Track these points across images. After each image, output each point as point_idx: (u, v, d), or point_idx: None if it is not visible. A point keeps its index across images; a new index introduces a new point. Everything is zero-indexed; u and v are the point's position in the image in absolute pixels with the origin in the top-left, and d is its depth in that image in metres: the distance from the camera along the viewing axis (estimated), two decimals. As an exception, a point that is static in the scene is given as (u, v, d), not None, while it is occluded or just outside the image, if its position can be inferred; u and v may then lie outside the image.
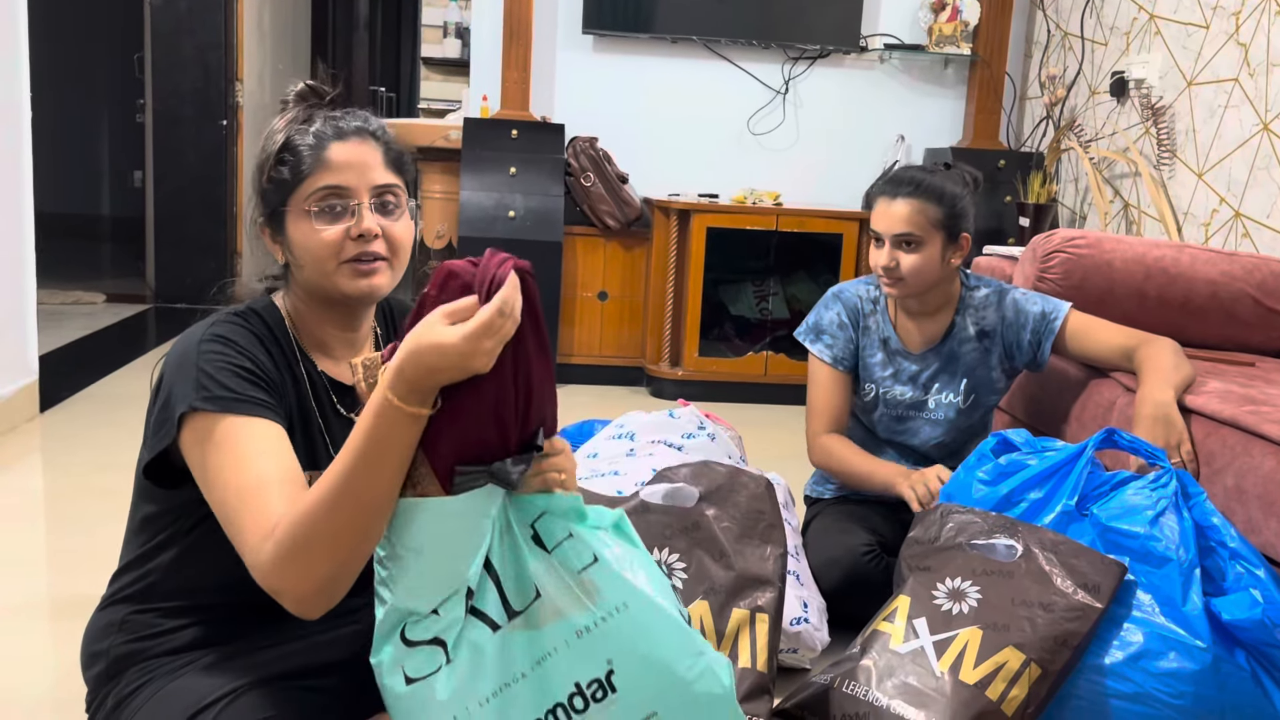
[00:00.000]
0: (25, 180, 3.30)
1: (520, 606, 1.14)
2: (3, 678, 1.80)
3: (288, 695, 1.19)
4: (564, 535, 1.15)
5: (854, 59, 4.49)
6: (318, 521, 1.07)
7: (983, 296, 2.16)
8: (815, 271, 4.43)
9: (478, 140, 4.13)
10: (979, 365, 2.15)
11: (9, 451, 3.02)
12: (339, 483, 1.07)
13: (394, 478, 1.09)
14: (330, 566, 1.08)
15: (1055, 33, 4.29)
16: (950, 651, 1.49)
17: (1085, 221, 4.02)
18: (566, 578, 1.14)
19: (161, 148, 5.53)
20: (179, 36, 5.44)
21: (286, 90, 1.33)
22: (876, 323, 2.18)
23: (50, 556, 2.36)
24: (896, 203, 2.06)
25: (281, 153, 1.27)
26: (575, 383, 4.30)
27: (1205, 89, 3.30)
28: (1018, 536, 1.60)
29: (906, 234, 2.04)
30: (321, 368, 1.34)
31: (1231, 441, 1.80)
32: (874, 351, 2.18)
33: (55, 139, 7.34)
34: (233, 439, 1.16)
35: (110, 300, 5.59)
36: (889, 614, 1.60)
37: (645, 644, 1.13)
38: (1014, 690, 1.44)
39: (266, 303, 1.34)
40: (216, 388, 1.18)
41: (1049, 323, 2.11)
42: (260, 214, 1.31)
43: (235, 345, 1.23)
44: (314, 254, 1.27)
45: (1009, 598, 1.52)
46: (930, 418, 2.16)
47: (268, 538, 1.09)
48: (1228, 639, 1.49)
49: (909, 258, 2.04)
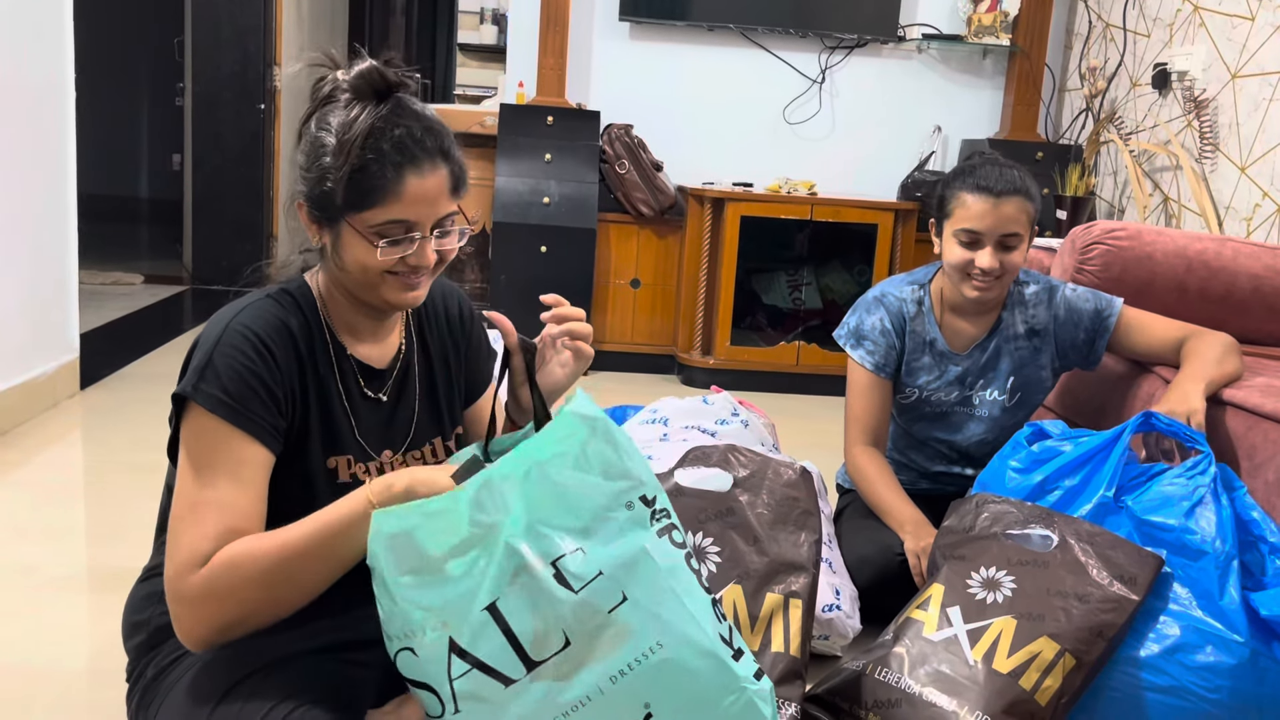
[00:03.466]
0: (69, 163, 3.34)
1: (541, 656, 1.08)
2: (42, 649, 1.83)
3: (327, 668, 1.21)
4: (593, 574, 1.08)
5: (891, 49, 4.45)
6: (250, 580, 1.13)
7: (1032, 293, 2.10)
8: (849, 262, 4.41)
9: (513, 126, 4.14)
10: (1028, 364, 2.10)
11: (51, 427, 3.07)
12: (287, 555, 1.14)
13: (336, 572, 1.16)
14: (238, 617, 1.15)
15: (1096, 24, 4.24)
16: (984, 640, 1.48)
17: (1124, 215, 3.98)
18: (597, 619, 1.08)
19: (200, 131, 5.58)
20: (218, 21, 5.48)
21: (347, 67, 1.25)
22: (922, 325, 2.11)
23: (90, 530, 2.39)
24: (1004, 203, 1.95)
25: (354, 170, 1.20)
26: (607, 369, 4.31)
27: (1249, 82, 3.26)
28: (1054, 527, 1.59)
29: (1014, 234, 1.97)
30: (350, 350, 1.34)
31: (1274, 436, 1.78)
32: (920, 356, 2.12)
33: (96, 122, 7.42)
34: (214, 449, 1.18)
35: (148, 281, 5.65)
36: (922, 601, 1.59)
37: (684, 684, 1.10)
38: (1048, 680, 1.44)
39: (300, 282, 1.33)
40: (220, 390, 1.18)
41: (1103, 320, 2.07)
42: (309, 203, 1.27)
43: (256, 345, 1.21)
44: (363, 268, 1.25)
45: (1044, 588, 1.51)
46: (975, 414, 2.12)
47: (195, 566, 1.14)
48: (1266, 633, 1.47)
49: (1011, 257, 1.98)
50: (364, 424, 1.33)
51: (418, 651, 1.10)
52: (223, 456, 1.18)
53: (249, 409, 1.19)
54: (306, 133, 1.26)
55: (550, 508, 1.10)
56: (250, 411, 1.20)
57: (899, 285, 2.16)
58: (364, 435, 1.33)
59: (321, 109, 1.25)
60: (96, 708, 1.66)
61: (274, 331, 1.24)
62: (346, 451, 1.31)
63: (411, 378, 1.39)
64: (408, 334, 1.41)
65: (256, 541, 1.16)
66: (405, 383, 1.39)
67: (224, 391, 1.18)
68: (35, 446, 2.90)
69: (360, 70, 1.24)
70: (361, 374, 1.34)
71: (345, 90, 1.24)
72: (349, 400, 1.32)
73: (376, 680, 1.29)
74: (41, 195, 3.20)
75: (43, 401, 3.19)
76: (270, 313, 1.26)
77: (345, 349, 1.33)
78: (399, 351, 1.39)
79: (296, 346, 1.27)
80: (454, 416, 1.44)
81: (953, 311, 2.11)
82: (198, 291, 5.55)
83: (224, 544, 1.15)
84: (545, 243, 4.08)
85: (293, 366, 1.26)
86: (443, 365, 1.44)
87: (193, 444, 1.19)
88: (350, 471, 1.30)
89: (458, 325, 1.47)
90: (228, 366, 1.19)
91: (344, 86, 1.24)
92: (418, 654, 1.10)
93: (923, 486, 2.22)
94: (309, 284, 1.33)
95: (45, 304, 3.24)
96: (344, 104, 1.23)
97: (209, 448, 1.18)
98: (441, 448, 1.41)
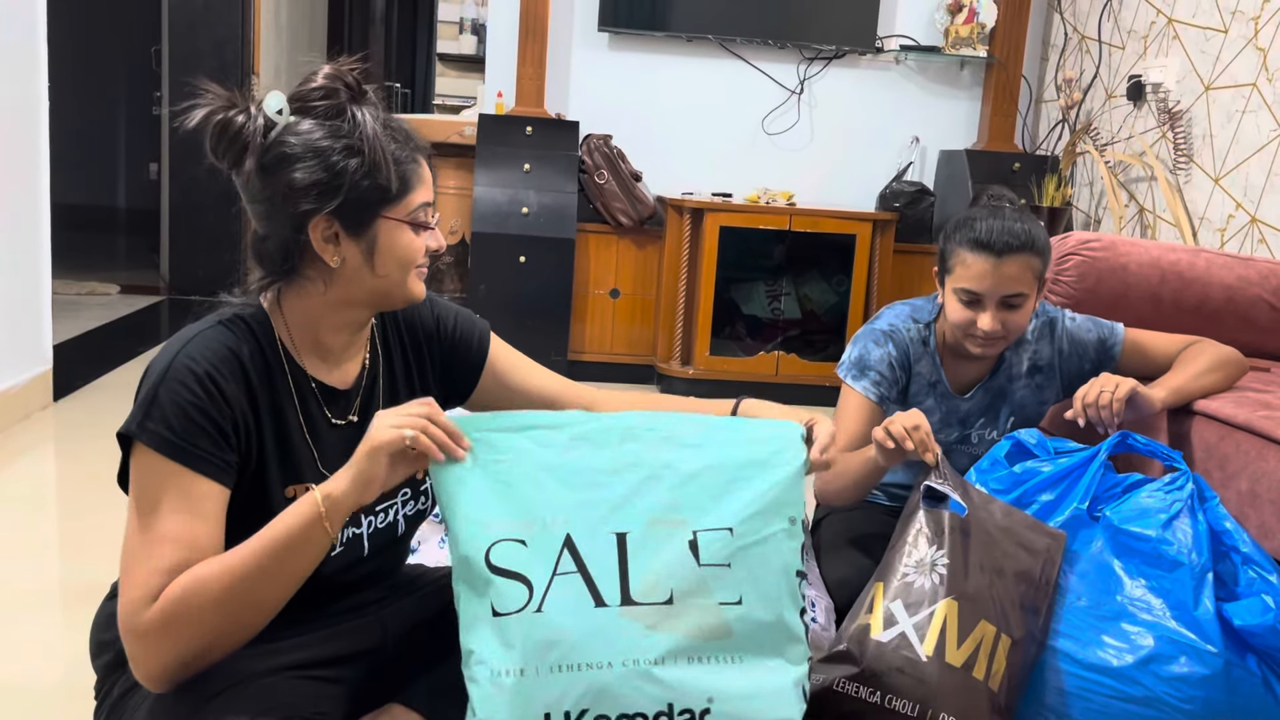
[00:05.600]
0: (42, 172, 3.32)
1: (640, 599, 1.15)
2: (16, 664, 1.81)
3: (298, 685, 1.19)
4: (722, 560, 1.19)
5: (869, 60, 4.48)
6: (205, 606, 1.12)
7: (1033, 329, 2.03)
8: (828, 272, 4.42)
9: (492, 136, 4.13)
10: (1029, 402, 2.05)
11: (23, 439, 3.04)
12: (240, 576, 1.13)
13: (293, 586, 1.16)
14: (199, 648, 1.13)
15: (1072, 35, 4.28)
16: (931, 632, 1.47)
17: (1099, 226, 4.00)
18: (706, 602, 1.17)
19: (177, 141, 5.56)
20: (196, 30, 5.46)
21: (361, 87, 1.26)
22: (927, 366, 2.02)
23: (62, 543, 2.37)
24: (1006, 262, 1.83)
25: (385, 163, 1.23)
26: (586, 379, 4.29)
27: (1223, 94, 3.29)
28: (967, 498, 1.60)
29: (1018, 294, 1.85)
30: (313, 373, 1.30)
31: (1246, 446, 1.79)
32: (923, 396, 2.03)
33: (72, 131, 7.38)
34: (163, 486, 1.15)
35: (124, 291, 5.62)
36: (869, 604, 1.58)
37: (749, 690, 1.17)
38: (995, 665, 1.45)
39: (255, 307, 1.28)
40: (165, 429, 1.15)
41: (1109, 350, 2.02)
42: (338, 217, 1.23)
43: (202, 379, 1.18)
44: (403, 260, 1.27)
45: (972, 561, 1.52)
46: (972, 453, 2.07)
47: (148, 602, 1.12)
48: (1239, 644, 1.48)
49: (1014, 316, 1.86)
50: (326, 451, 1.29)
51: (529, 542, 1.16)
52: (173, 494, 1.15)
53: (196, 445, 1.17)
54: (290, 155, 1.21)
55: (719, 488, 1.23)
56: (198, 448, 1.17)
57: (905, 320, 2.04)
58: (325, 463, 1.29)
59: (286, 131, 1.22)
60: (66, 725, 1.65)
61: (221, 363, 1.20)
62: (305, 479, 1.27)
63: (376, 394, 1.36)
64: (372, 348, 1.38)
65: (206, 567, 1.13)
66: (370, 401, 1.36)
67: (169, 429, 1.15)
68: (6, 459, 2.87)
69: (326, 77, 1.24)
70: (324, 397, 1.31)
71: (318, 99, 1.23)
72: (310, 427, 1.28)
73: (346, 696, 1.27)
74: (14, 204, 3.17)
75: (14, 413, 3.16)
76: (219, 342, 1.22)
77: (305, 373, 1.29)
78: (362, 368, 1.36)
79: (247, 376, 1.23)
80: None
81: (954, 354, 2.02)
82: (175, 302, 5.52)
83: (175, 576, 1.13)
84: (524, 253, 4.07)
85: (241, 398, 1.21)
86: (408, 376, 1.41)
87: (141, 482, 1.17)
88: None
89: (432, 330, 1.43)
90: (172, 403, 1.16)
91: (316, 96, 1.23)
92: (528, 544, 1.16)
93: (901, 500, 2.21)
94: (264, 308, 1.29)
95: (18, 314, 3.21)
96: (324, 112, 1.22)
97: (157, 485, 1.15)
98: None
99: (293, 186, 1.21)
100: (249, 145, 1.23)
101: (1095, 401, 1.79)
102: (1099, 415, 1.79)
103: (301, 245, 1.25)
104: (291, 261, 1.26)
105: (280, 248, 1.25)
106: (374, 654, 1.33)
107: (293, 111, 1.24)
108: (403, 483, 1.34)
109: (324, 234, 1.23)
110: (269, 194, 1.23)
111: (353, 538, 1.30)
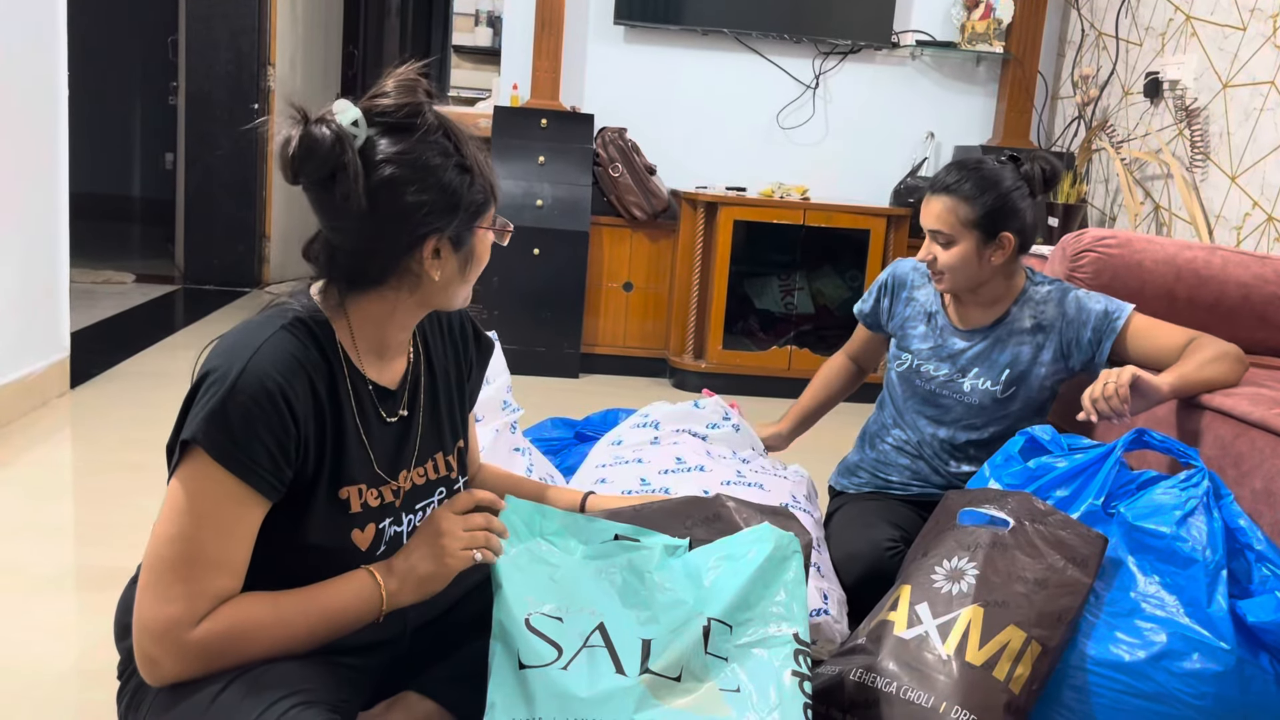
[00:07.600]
0: (61, 161, 3.34)
1: (654, 669, 1.26)
2: (33, 649, 1.83)
3: (319, 669, 1.20)
4: (726, 654, 1.30)
5: (885, 55, 4.47)
6: (251, 649, 1.16)
7: (1044, 292, 2.12)
8: (841, 267, 4.42)
9: (507, 129, 4.14)
10: (1028, 360, 2.10)
11: (41, 425, 3.06)
12: (292, 633, 1.19)
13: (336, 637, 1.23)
14: (226, 665, 1.16)
15: (1089, 32, 4.26)
16: (954, 633, 1.49)
17: (1115, 223, 3.99)
18: (708, 683, 1.27)
19: (193, 131, 5.58)
20: (213, 20, 5.48)
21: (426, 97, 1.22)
22: (926, 296, 2.19)
23: (79, 529, 2.39)
24: (932, 199, 2.05)
25: (486, 175, 1.26)
26: (598, 373, 4.32)
27: (1241, 91, 3.28)
28: (1007, 508, 1.60)
29: (936, 230, 2.04)
30: (369, 375, 1.29)
31: (1261, 444, 1.79)
32: (916, 323, 2.18)
33: (90, 121, 7.41)
34: (217, 500, 1.14)
35: (140, 280, 5.64)
36: (893, 602, 1.60)
37: None
38: (1019, 669, 1.45)
39: (315, 311, 1.25)
40: (230, 442, 1.14)
41: (1111, 322, 2.06)
42: (452, 231, 1.23)
43: (274, 396, 1.15)
44: (480, 267, 1.31)
45: (1006, 572, 1.53)
46: (965, 400, 2.12)
47: (191, 624, 1.13)
48: (1252, 641, 1.48)
49: (943, 254, 2.05)
50: (379, 449, 1.30)
51: (565, 619, 1.28)
52: (226, 509, 1.15)
53: (256, 462, 1.15)
54: (401, 177, 1.18)
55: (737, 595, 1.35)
56: (258, 465, 1.15)
57: (914, 259, 2.24)
58: (380, 462, 1.30)
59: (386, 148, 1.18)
60: (85, 708, 1.66)
61: (292, 375, 1.18)
62: (359, 480, 1.27)
63: (419, 392, 1.37)
64: (414, 347, 1.38)
65: (259, 609, 1.17)
66: (415, 398, 1.37)
67: (233, 443, 1.14)
68: (25, 445, 2.89)
69: (403, 89, 1.20)
70: (378, 397, 1.31)
71: (404, 116, 1.20)
72: (366, 428, 1.28)
73: (367, 683, 1.29)
74: (33, 193, 3.19)
75: (32, 400, 3.19)
76: (286, 352, 1.19)
77: (362, 375, 1.28)
78: (408, 364, 1.36)
79: (313, 387, 1.21)
80: (454, 429, 1.42)
81: (956, 301, 2.15)
82: (189, 291, 5.54)
83: (218, 602, 1.15)
84: (538, 245, 4.08)
85: (308, 412, 1.20)
86: (445, 376, 1.42)
87: (192, 487, 1.15)
88: (362, 500, 1.27)
89: (459, 334, 1.46)
90: (241, 417, 1.14)
91: (401, 112, 1.20)
92: (564, 621, 1.27)
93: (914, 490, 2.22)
94: (323, 309, 1.25)
95: (36, 302, 3.23)
96: (416, 127, 1.19)
97: (212, 497, 1.14)
98: (442, 462, 1.39)
99: (409, 207, 1.18)
100: (344, 164, 1.16)
101: (1101, 394, 1.80)
102: (1108, 407, 1.80)
103: (404, 260, 1.23)
104: (386, 274, 1.23)
105: (377, 263, 1.23)
106: (393, 644, 1.35)
107: (373, 124, 1.19)
108: (439, 483, 1.38)
109: (433, 250, 1.23)
110: (379, 215, 1.18)
111: (394, 536, 1.32)
